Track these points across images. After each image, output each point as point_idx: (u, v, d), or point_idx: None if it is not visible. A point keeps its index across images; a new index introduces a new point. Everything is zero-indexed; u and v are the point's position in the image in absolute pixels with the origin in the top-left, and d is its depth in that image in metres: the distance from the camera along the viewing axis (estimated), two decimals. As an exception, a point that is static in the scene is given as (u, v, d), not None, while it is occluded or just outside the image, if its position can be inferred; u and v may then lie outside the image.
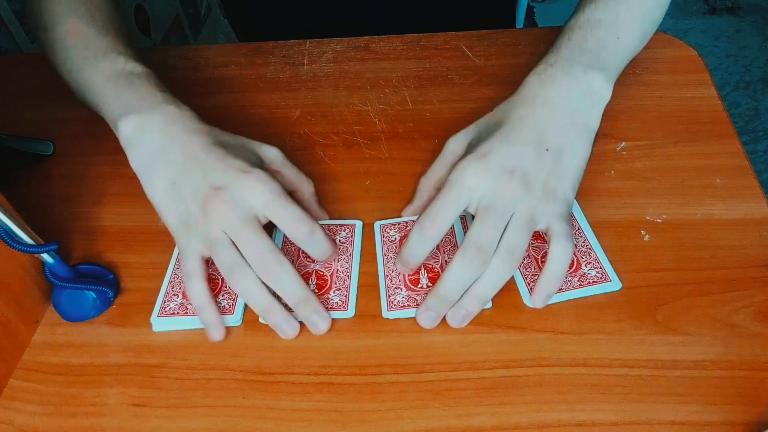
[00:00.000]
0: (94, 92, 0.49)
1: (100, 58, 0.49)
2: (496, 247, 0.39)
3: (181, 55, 0.68)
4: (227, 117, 0.60)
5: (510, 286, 0.43)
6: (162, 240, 0.49)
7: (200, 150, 0.43)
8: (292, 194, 0.44)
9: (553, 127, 0.43)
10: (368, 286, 0.44)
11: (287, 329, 0.41)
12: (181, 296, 0.44)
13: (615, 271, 0.43)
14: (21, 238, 0.41)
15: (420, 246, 0.41)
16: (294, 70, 0.64)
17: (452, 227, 0.47)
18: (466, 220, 0.47)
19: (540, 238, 0.46)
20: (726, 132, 0.52)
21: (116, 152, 0.54)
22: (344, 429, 0.37)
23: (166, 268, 0.47)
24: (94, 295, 0.44)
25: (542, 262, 0.44)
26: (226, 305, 0.43)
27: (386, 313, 0.42)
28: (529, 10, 0.88)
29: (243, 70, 0.65)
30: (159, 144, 0.44)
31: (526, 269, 0.44)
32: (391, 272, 0.45)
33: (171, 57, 0.67)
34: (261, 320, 0.42)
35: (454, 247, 0.46)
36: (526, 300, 0.42)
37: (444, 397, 0.38)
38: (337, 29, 0.69)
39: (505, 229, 0.39)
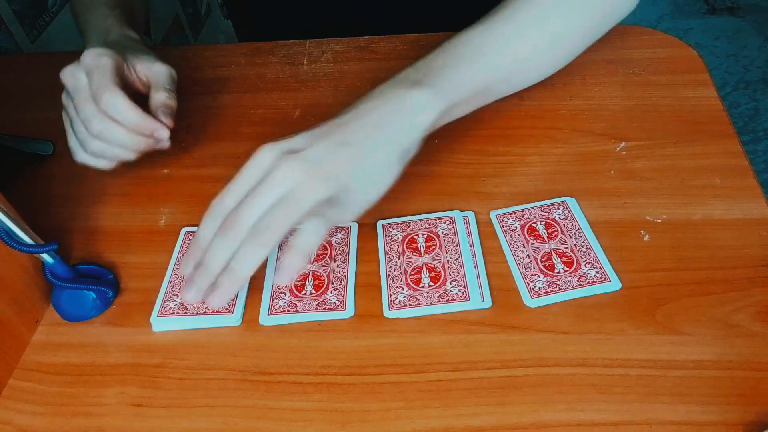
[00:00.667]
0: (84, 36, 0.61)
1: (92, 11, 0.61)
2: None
3: (181, 55, 0.68)
4: (227, 117, 0.60)
5: (510, 286, 0.43)
6: (162, 240, 0.49)
7: None
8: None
9: (359, 127, 0.43)
10: (368, 285, 0.44)
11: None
12: (181, 296, 0.44)
13: (615, 271, 0.43)
14: (21, 238, 0.41)
15: (209, 223, 0.41)
16: (294, 70, 0.64)
17: (455, 229, 0.47)
18: (469, 222, 0.47)
19: (540, 237, 0.46)
20: (726, 132, 0.52)
21: (116, 152, 0.53)
22: (344, 429, 0.37)
23: (166, 268, 0.47)
24: (94, 295, 0.44)
25: (542, 262, 0.44)
26: (226, 305, 0.43)
27: (388, 313, 0.42)
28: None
29: (243, 70, 0.65)
30: None
31: (526, 269, 0.44)
32: (393, 271, 0.45)
33: (171, 57, 0.67)
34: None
35: (457, 246, 0.46)
36: (526, 300, 0.42)
37: (444, 397, 0.38)
38: (337, 29, 0.69)
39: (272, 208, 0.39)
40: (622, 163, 0.51)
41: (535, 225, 0.47)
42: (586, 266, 0.43)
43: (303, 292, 0.44)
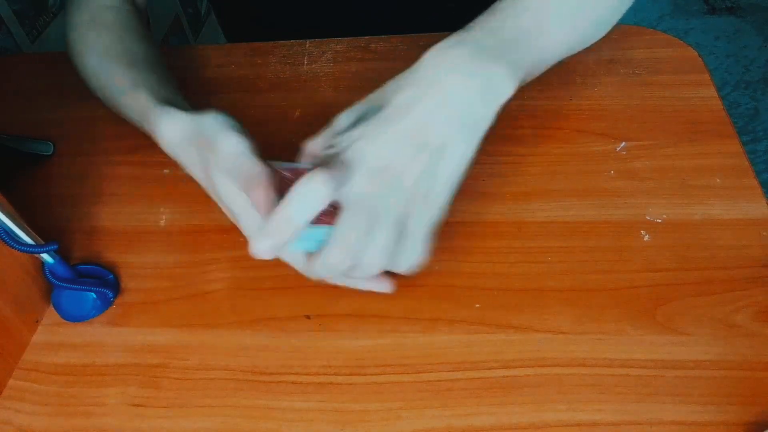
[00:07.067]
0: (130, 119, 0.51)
1: (125, 95, 0.50)
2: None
3: (181, 55, 0.68)
4: (227, 117, 0.60)
5: (510, 286, 0.43)
6: (162, 240, 0.49)
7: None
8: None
9: (439, 121, 0.39)
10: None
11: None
12: None
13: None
14: (21, 238, 0.41)
15: (281, 227, 0.37)
16: (294, 70, 0.64)
17: None
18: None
19: (540, 238, 0.46)
20: (726, 132, 0.52)
21: (116, 152, 0.54)
22: (344, 429, 0.37)
23: (166, 268, 0.47)
24: (94, 295, 0.44)
25: (542, 262, 0.44)
26: None
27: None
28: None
29: (243, 70, 0.65)
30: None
31: None
32: None
33: (171, 57, 0.67)
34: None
35: None
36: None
37: (444, 397, 0.38)
38: (337, 29, 0.69)
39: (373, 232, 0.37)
40: (622, 163, 0.51)
41: None
42: None
43: None
